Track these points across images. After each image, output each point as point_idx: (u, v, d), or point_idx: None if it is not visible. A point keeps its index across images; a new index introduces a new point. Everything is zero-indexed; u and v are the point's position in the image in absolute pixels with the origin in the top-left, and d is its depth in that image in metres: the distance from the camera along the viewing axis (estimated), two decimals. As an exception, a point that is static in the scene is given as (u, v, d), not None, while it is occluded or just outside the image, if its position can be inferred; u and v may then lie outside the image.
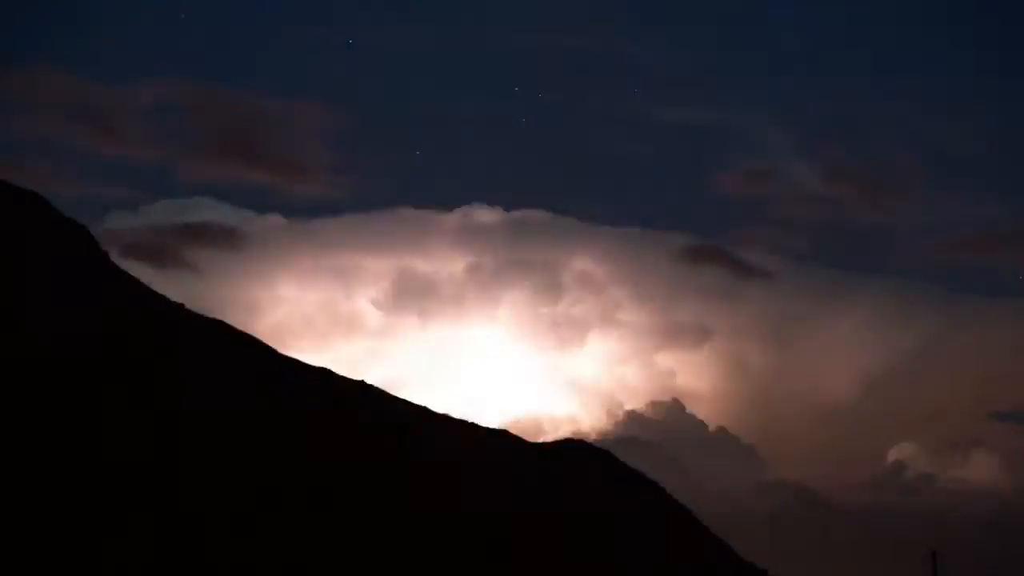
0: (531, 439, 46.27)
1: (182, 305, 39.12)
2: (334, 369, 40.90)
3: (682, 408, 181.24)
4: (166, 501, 25.81)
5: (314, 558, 27.04)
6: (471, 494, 34.77)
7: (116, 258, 39.70)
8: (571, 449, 46.17)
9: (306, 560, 26.81)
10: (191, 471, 27.43)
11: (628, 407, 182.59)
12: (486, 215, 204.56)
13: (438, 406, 43.21)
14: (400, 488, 32.51)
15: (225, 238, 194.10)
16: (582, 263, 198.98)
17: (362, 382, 41.00)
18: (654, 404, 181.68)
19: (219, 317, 39.77)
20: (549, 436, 48.31)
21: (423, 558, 29.52)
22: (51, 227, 37.71)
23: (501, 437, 43.60)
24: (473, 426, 43.60)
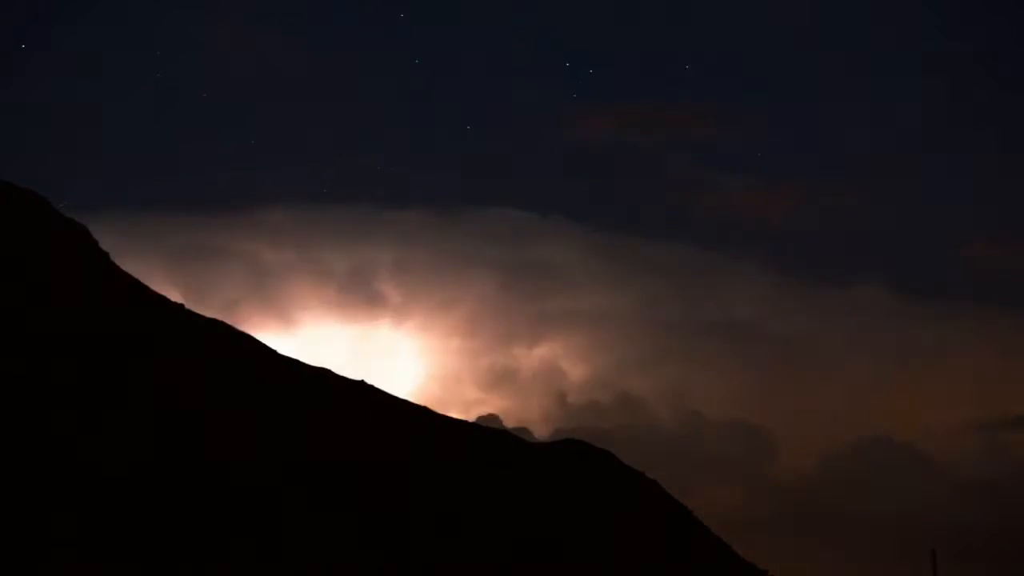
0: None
1: (182, 305, 39.19)
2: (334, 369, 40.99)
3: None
4: (165, 502, 25.82)
5: (313, 559, 27.05)
6: (470, 494, 34.79)
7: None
8: (571, 449, 46.16)
9: (305, 561, 26.82)
10: (190, 472, 27.44)
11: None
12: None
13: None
14: (399, 488, 32.52)
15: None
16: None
17: (362, 382, 41.04)
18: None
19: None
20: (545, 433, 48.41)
21: (422, 559, 29.53)
22: (51, 227, 37.74)
23: (501, 437, 43.63)
24: (473, 426, 43.64)
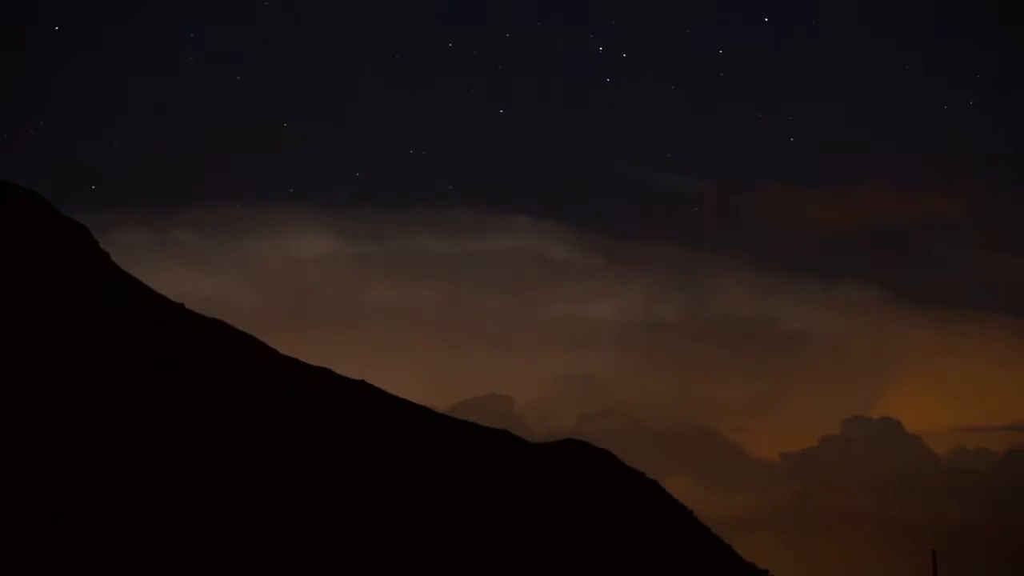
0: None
1: (182, 305, 39.17)
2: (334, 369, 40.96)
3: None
4: (165, 502, 25.83)
5: (314, 559, 27.06)
6: (471, 494, 34.79)
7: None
8: (571, 449, 46.17)
9: (305, 561, 26.83)
10: (190, 472, 27.45)
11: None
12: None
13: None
14: (399, 488, 32.53)
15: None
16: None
17: (362, 382, 41.01)
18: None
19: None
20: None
21: (422, 559, 29.53)
22: (51, 227, 37.73)
23: (501, 437, 43.62)
24: (473, 426, 43.62)
